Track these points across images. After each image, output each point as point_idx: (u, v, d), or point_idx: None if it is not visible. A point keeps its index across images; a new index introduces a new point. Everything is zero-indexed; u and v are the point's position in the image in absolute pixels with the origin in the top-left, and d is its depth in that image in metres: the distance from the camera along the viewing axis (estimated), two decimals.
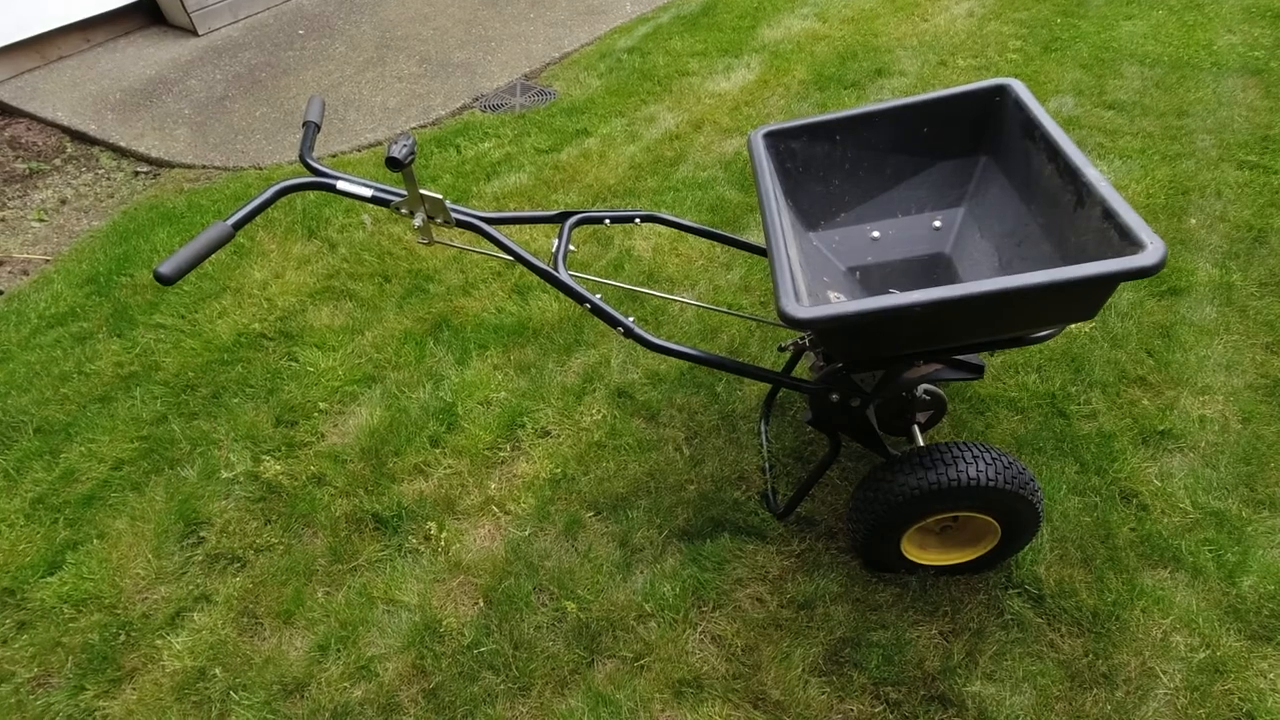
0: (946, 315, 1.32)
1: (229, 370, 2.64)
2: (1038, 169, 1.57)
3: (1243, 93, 3.45)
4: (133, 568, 2.09)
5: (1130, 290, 2.56)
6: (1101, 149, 3.21)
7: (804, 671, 1.74)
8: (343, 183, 1.52)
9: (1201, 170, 3.03)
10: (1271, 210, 2.81)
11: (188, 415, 2.50)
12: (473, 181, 3.45)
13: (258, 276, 3.01)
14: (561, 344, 2.59)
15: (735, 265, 2.84)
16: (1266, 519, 1.93)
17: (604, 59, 4.33)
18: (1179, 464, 2.07)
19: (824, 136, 1.80)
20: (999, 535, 1.71)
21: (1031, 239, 1.59)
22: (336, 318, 2.82)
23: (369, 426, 2.39)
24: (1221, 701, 1.63)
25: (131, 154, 3.94)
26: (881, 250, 1.86)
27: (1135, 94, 3.52)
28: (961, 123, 1.76)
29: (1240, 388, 2.24)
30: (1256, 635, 1.73)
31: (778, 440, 2.22)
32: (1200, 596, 1.80)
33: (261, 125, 4.04)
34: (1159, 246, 1.20)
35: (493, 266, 2.94)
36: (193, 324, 2.84)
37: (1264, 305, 2.47)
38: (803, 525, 2.01)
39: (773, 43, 4.28)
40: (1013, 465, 1.58)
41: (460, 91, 4.19)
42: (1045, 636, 1.76)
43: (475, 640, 1.86)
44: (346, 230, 3.22)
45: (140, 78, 4.53)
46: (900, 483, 1.60)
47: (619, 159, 3.48)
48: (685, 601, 1.88)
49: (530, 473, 2.23)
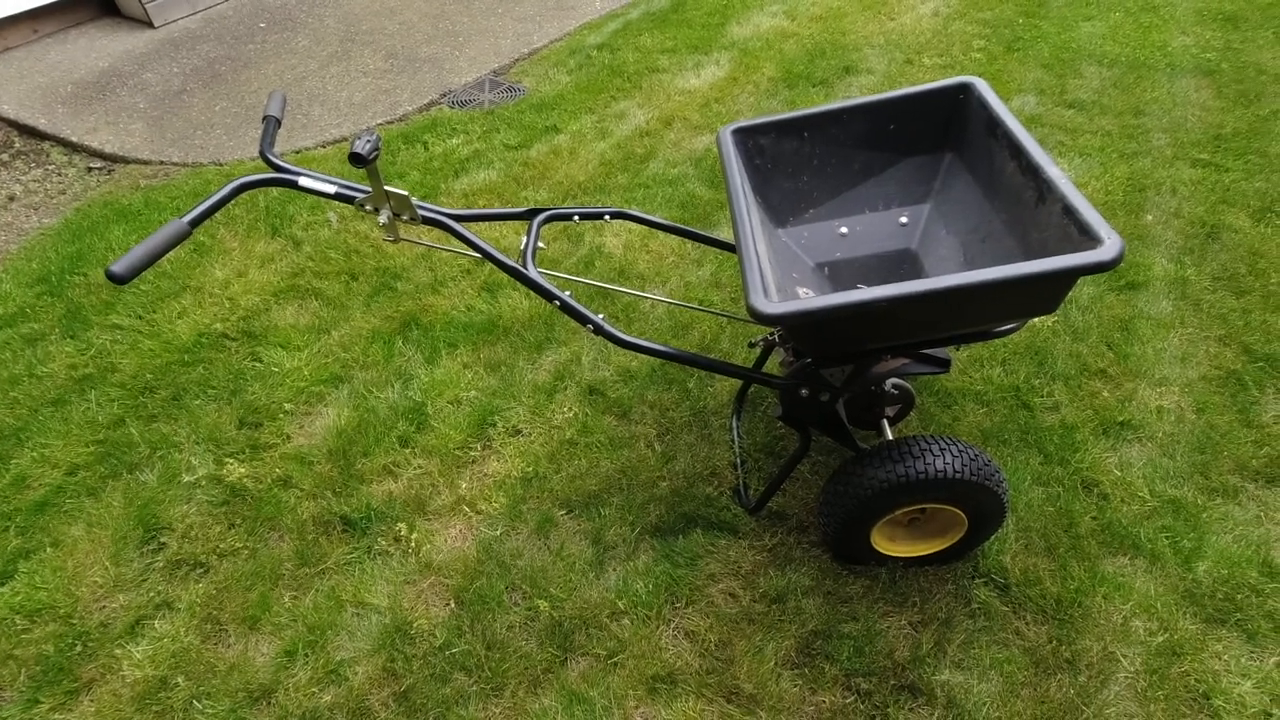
0: (912, 310, 1.34)
1: (190, 371, 2.57)
2: (1000, 166, 1.59)
3: (1196, 93, 3.55)
4: (89, 576, 2.03)
5: (1091, 284, 2.62)
6: (1063, 147, 3.28)
7: (776, 665, 1.75)
8: (305, 179, 1.48)
9: (1157, 168, 3.11)
10: (1223, 207, 2.90)
11: (146, 418, 2.43)
12: (441, 178, 3.41)
13: (219, 275, 2.94)
14: (532, 341, 2.57)
15: (706, 262, 2.84)
16: (1220, 506, 1.99)
17: (574, 55, 4.31)
18: (1138, 454, 2.12)
19: (792, 133, 1.81)
20: (966, 526, 1.74)
21: (995, 235, 1.62)
22: (302, 317, 2.76)
23: (336, 427, 2.35)
24: (1179, 683, 1.68)
25: (84, 149, 3.81)
26: (850, 246, 1.88)
27: (1094, 93, 3.60)
28: (927, 120, 1.78)
29: (1195, 379, 2.31)
30: (1212, 618, 1.78)
31: (749, 436, 2.23)
32: (1158, 582, 1.85)
33: (221, 120, 3.94)
34: (1116, 242, 1.23)
35: (462, 264, 2.91)
36: (151, 324, 2.76)
37: (1216, 299, 2.55)
38: (774, 520, 2.03)
39: (742, 40, 4.30)
40: (978, 458, 1.61)
41: (428, 87, 4.14)
42: (1011, 624, 1.80)
43: (447, 641, 1.84)
44: (312, 228, 3.15)
45: (92, 70, 4.39)
46: (869, 476, 1.62)
47: (589, 155, 3.47)
48: (658, 598, 1.88)
49: (502, 471, 2.21)
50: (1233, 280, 2.61)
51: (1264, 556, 1.87)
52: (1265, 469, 2.06)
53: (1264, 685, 1.66)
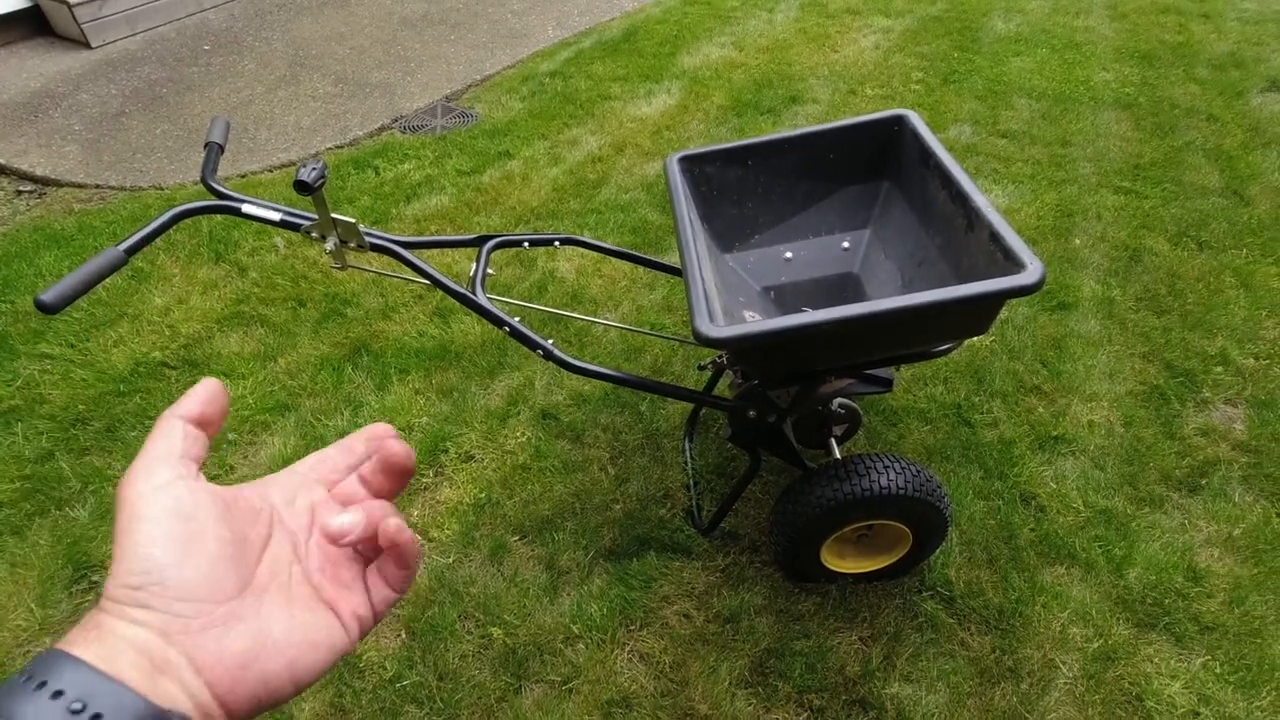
0: (852, 332, 1.38)
1: (125, 402, 2.48)
2: (933, 194, 1.67)
3: (1116, 125, 3.78)
4: (12, 619, 1.92)
5: (1025, 305, 2.74)
6: (996, 174, 3.44)
7: (731, 684, 1.76)
8: (249, 206, 1.46)
9: (1084, 195, 3.29)
10: (1144, 231, 3.07)
11: (78, 451, 2.33)
12: (392, 203, 3.38)
13: (159, 302, 2.85)
14: (485, 367, 2.56)
15: (658, 286, 2.88)
16: (1148, 514, 2.09)
17: (526, 82, 4.35)
18: (1071, 467, 2.22)
19: (737, 161, 1.86)
20: (911, 541, 1.79)
21: (930, 259, 1.69)
22: (247, 344, 2.70)
23: (282, 456, 2.29)
24: (1114, 687, 1.75)
25: (12, 171, 3.67)
26: (795, 270, 1.94)
27: (1025, 124, 3.80)
28: (864, 150, 1.86)
29: (1122, 394, 2.43)
30: (1143, 623, 1.86)
31: (701, 457, 2.26)
32: (1093, 590, 1.93)
33: (163, 143, 3.85)
34: (1038, 267, 1.30)
35: (414, 290, 2.89)
36: (84, 353, 2.65)
37: (1140, 318, 2.69)
38: (727, 540, 2.05)
39: (692, 69, 4.41)
40: (921, 474, 1.66)
41: (379, 112, 4.12)
42: (957, 636, 1.85)
43: (397, 674, 1.80)
44: (257, 253, 3.09)
45: (23, 90, 4.25)
46: (818, 494, 1.66)
47: (541, 181, 3.49)
48: (613, 621, 1.88)
49: (454, 498, 2.18)
50: (1154, 300, 2.76)
51: (1189, 562, 1.97)
52: (1187, 478, 2.17)
53: (1192, 685, 1.74)
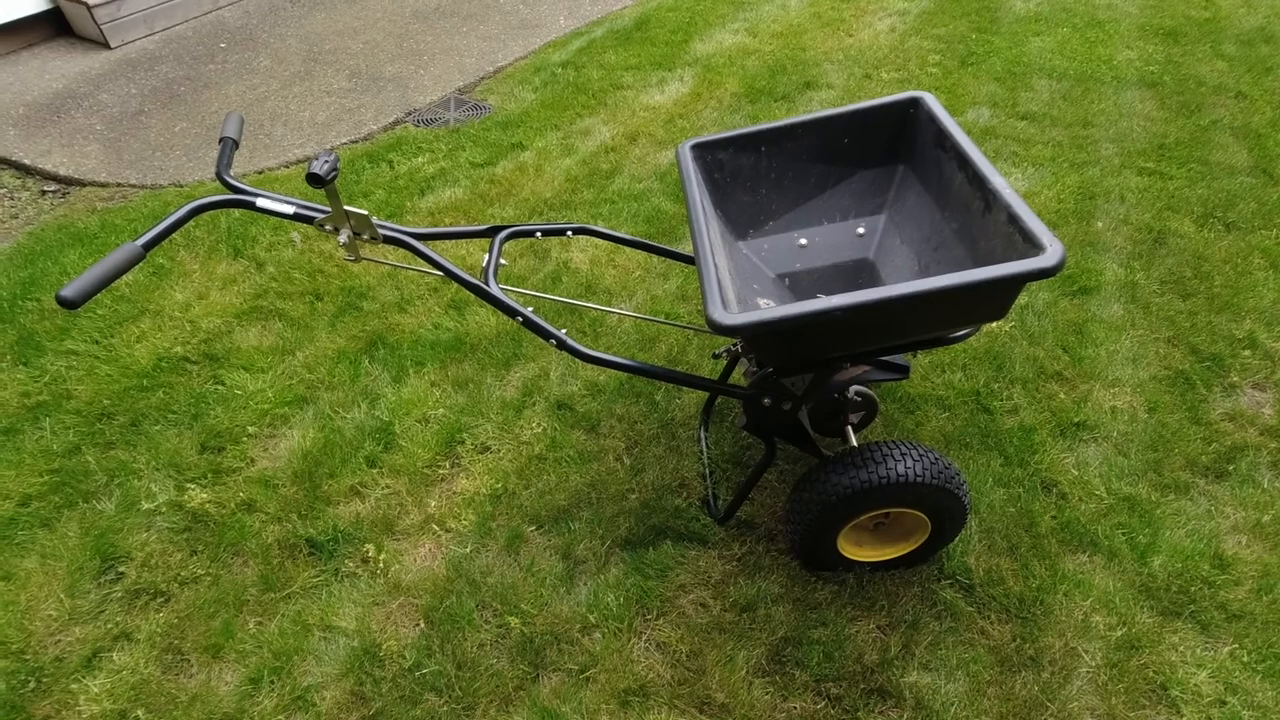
0: (867, 318, 1.37)
1: (149, 396, 2.52)
2: (949, 177, 1.64)
3: (1140, 104, 3.69)
4: (43, 609, 1.96)
5: (1045, 289, 2.70)
6: (1016, 157, 3.38)
7: (748, 673, 1.76)
8: (263, 200, 1.48)
9: (1106, 177, 3.22)
10: (1168, 213, 3.01)
11: (103, 445, 2.37)
12: (406, 196, 3.40)
13: (179, 298, 2.89)
14: (500, 358, 2.57)
15: (672, 275, 2.87)
16: (1172, 501, 2.05)
17: (538, 73, 4.34)
18: (1094, 453, 2.18)
19: (750, 148, 1.84)
20: (930, 529, 1.78)
21: (946, 243, 1.66)
22: (265, 338, 2.73)
23: (301, 449, 2.32)
24: (1138, 676, 1.72)
25: (37, 172, 3.73)
26: (809, 257, 1.92)
27: (1045, 105, 3.72)
28: (879, 134, 1.83)
29: (1146, 379, 2.38)
30: (1167, 611, 1.83)
31: (717, 446, 2.25)
32: (1116, 577, 1.90)
33: (181, 141, 3.89)
34: (1058, 249, 1.27)
35: (428, 282, 2.90)
36: (108, 349, 2.70)
37: (1164, 302, 2.64)
38: (743, 529, 2.04)
39: (705, 56, 4.37)
40: (939, 461, 1.64)
41: (392, 106, 4.13)
42: (976, 624, 1.83)
43: (417, 662, 1.82)
44: (274, 248, 3.12)
45: (46, 92, 4.31)
46: (834, 482, 1.65)
47: (555, 172, 3.49)
48: (629, 610, 1.88)
49: (470, 489, 2.19)
50: (1179, 284, 2.70)
51: (1215, 549, 1.94)
52: (1214, 464, 2.13)
53: (1218, 674, 1.71)
